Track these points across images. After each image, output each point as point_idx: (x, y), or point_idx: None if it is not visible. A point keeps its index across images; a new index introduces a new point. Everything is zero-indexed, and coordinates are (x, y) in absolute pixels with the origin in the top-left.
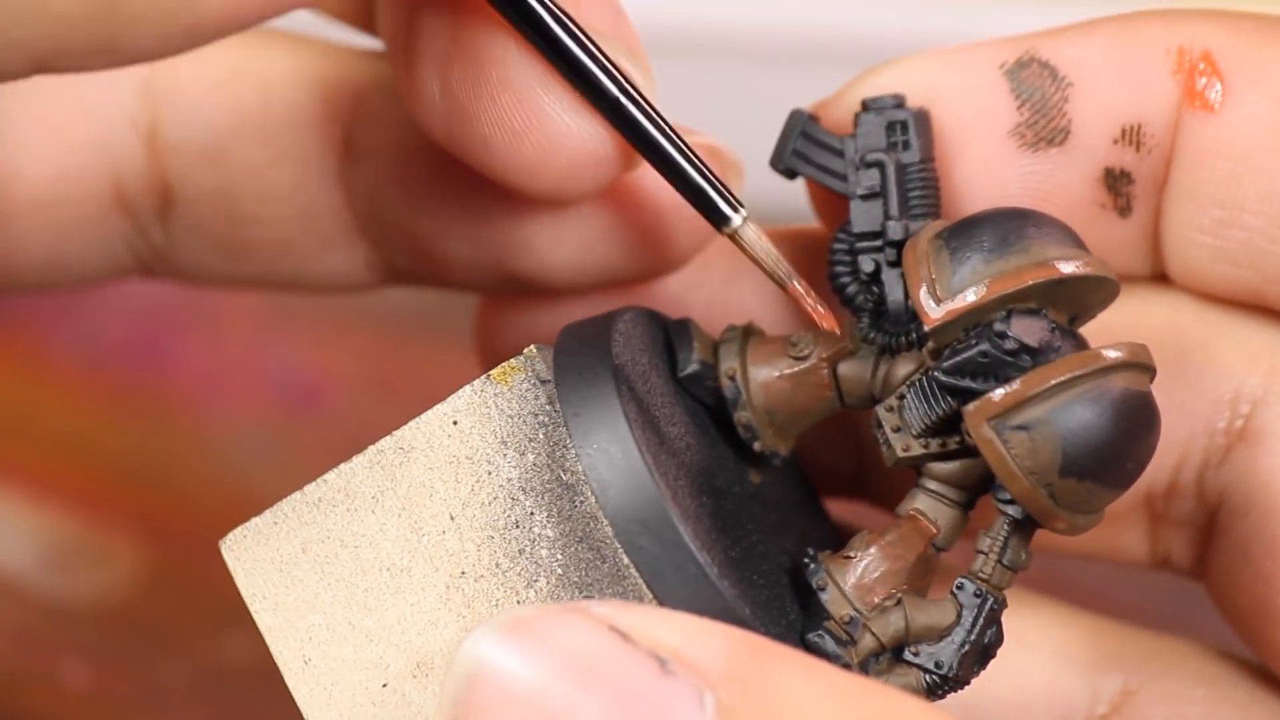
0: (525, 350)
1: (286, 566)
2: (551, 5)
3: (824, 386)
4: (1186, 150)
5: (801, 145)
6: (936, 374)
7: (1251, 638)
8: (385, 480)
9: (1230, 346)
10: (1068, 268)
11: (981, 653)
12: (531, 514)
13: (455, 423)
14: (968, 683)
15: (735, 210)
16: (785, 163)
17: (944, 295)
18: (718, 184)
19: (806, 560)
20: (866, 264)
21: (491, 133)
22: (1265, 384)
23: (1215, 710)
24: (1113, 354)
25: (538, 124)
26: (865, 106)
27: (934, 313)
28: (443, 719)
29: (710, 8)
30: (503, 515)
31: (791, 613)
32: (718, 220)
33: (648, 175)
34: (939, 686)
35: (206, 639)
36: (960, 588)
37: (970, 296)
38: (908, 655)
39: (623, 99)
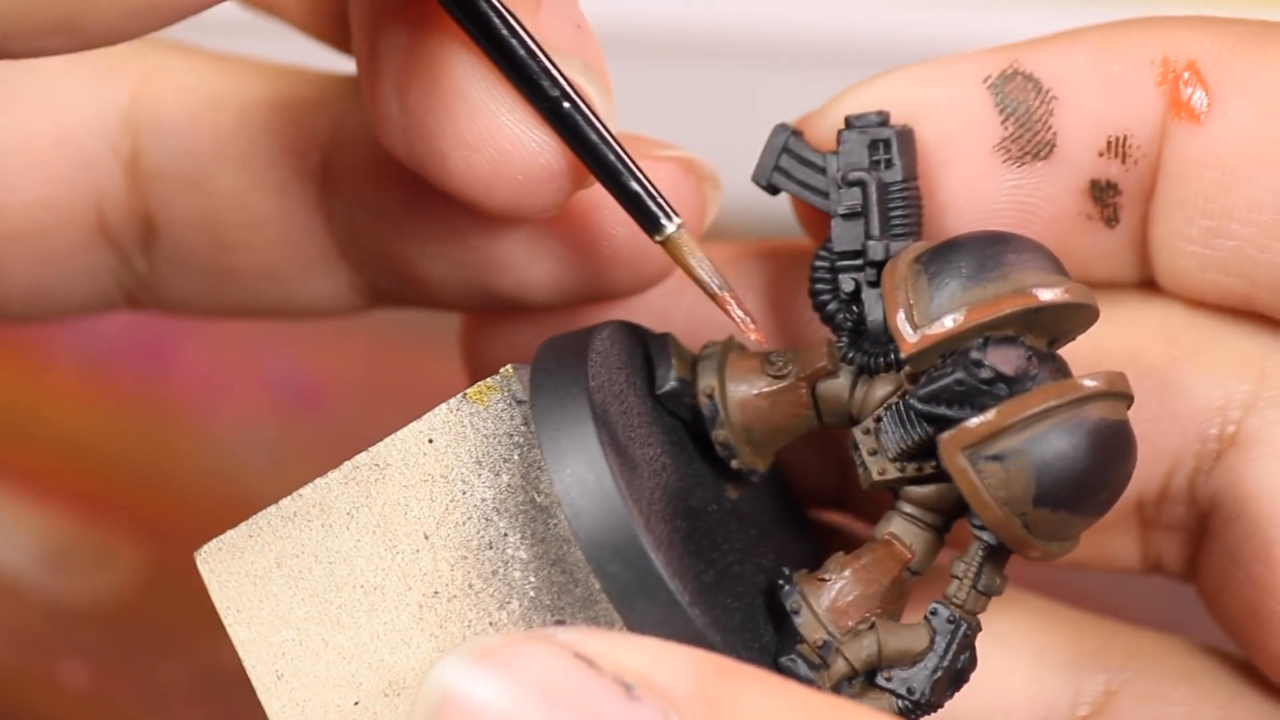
0: (501, 370)
1: (260, 580)
2: (504, 13)
3: (802, 405)
4: (1173, 161)
5: (785, 161)
6: (913, 400)
7: (1243, 641)
8: (360, 496)
9: (1220, 353)
10: (1046, 295)
11: (954, 678)
12: (505, 535)
13: (430, 440)
14: (940, 707)
15: (669, 218)
16: (768, 179)
17: (921, 321)
18: (652, 192)
19: (781, 582)
20: (846, 283)
21: (448, 147)
22: (1256, 390)
23: (1197, 710)
24: (1089, 383)
25: (490, 138)
26: (848, 123)
27: (911, 339)
28: None
29: (706, 9)
30: (476, 536)
31: (765, 635)
32: (650, 227)
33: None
34: (911, 712)
35: (206, 639)
36: (934, 613)
37: (947, 324)
38: (880, 680)
39: (564, 104)
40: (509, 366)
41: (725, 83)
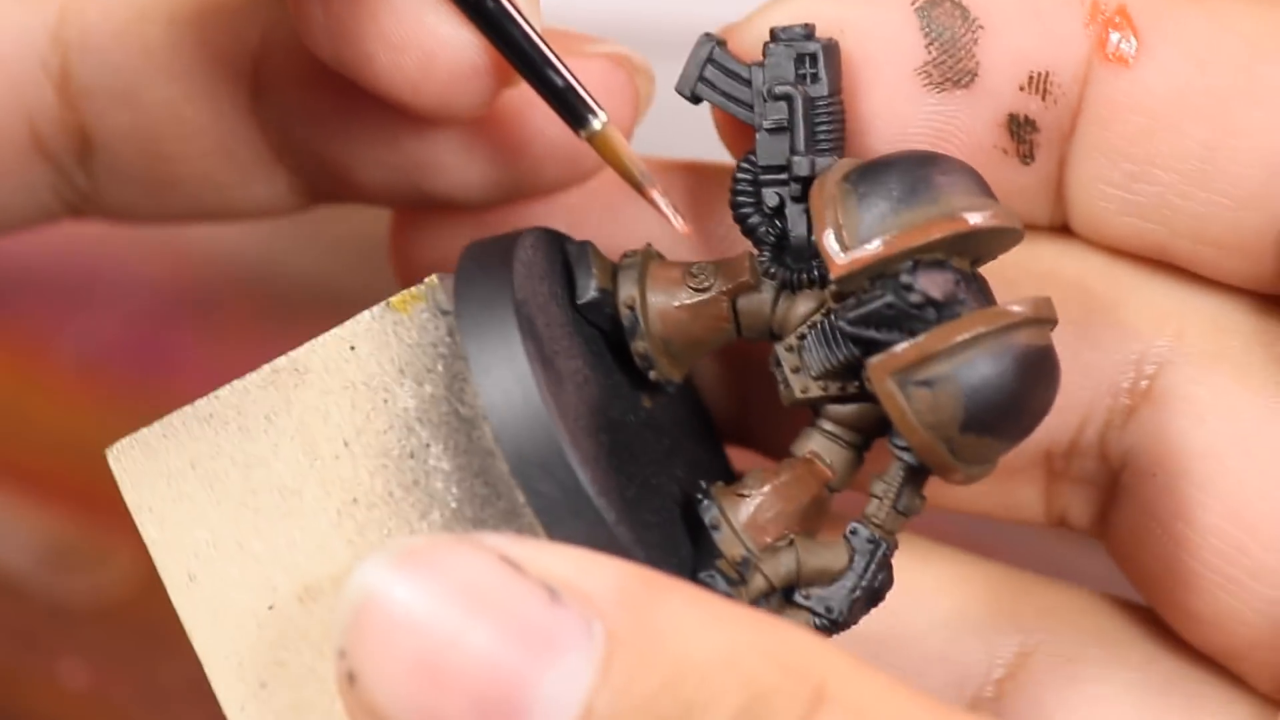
0: (426, 280)
1: (174, 480)
2: None
3: (722, 319)
4: (1097, 104)
5: (709, 72)
6: (840, 322)
7: (1157, 599)
8: (279, 401)
9: (1138, 307)
10: (975, 219)
11: (871, 596)
12: (427, 446)
13: (353, 348)
14: (854, 624)
15: (594, 115)
16: (691, 88)
17: (851, 243)
18: (578, 89)
19: (700, 496)
20: (770, 198)
21: (373, 49)
22: (1173, 346)
23: (1111, 670)
24: (1017, 309)
25: (416, 38)
26: (774, 36)
27: (840, 260)
28: (333, 646)
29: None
30: (398, 444)
31: (683, 548)
32: (577, 123)
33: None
34: (828, 630)
35: None
36: (854, 532)
37: (878, 246)
38: (798, 598)
39: (488, 2)
40: (434, 276)
41: None
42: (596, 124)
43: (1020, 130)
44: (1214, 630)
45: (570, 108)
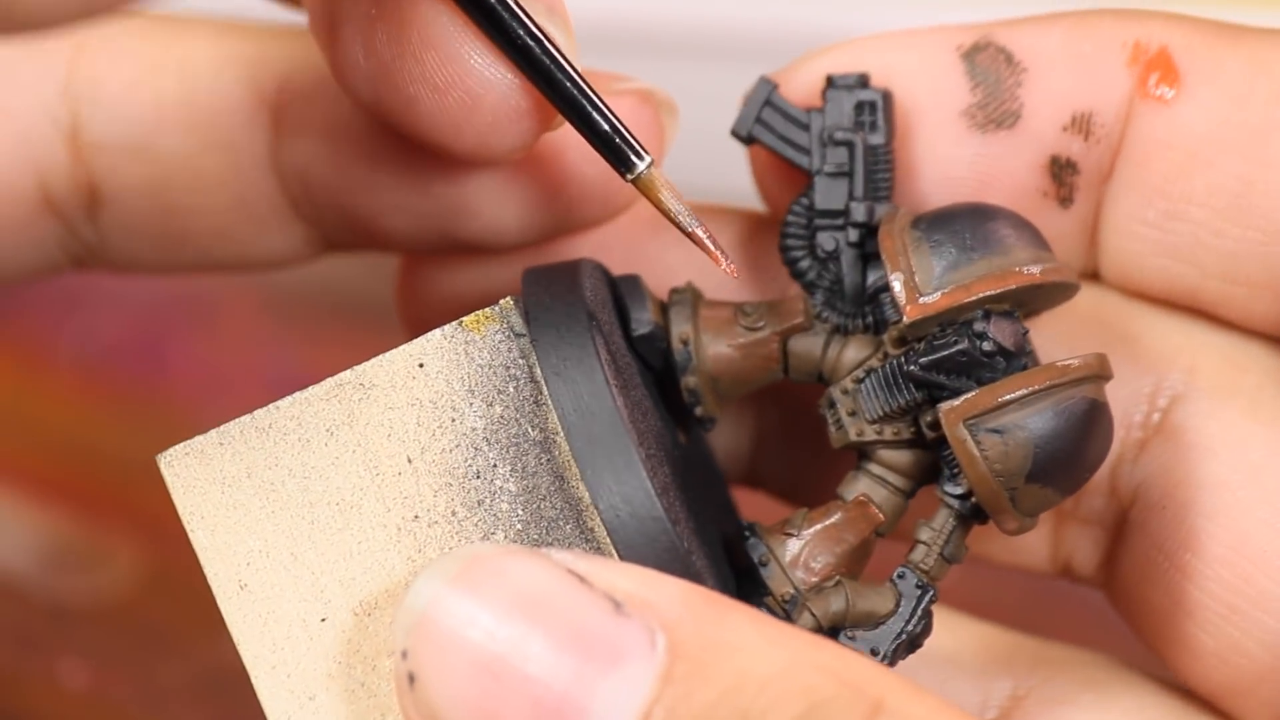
0: (500, 301)
1: (229, 489)
2: None
3: (772, 359)
4: (1137, 140)
5: (766, 115)
6: (910, 366)
7: (1159, 636)
8: (342, 414)
9: (1151, 342)
10: (1043, 272)
11: (912, 642)
12: (494, 466)
13: (421, 365)
14: (893, 668)
15: (640, 158)
16: (749, 130)
17: (924, 289)
18: (623, 132)
19: (746, 534)
20: (827, 242)
21: (416, 91)
22: (1186, 380)
23: (1104, 715)
24: (1083, 364)
25: (460, 79)
26: (831, 82)
27: (913, 305)
28: (395, 650)
29: (685, 7)
30: (463, 464)
31: (730, 584)
32: (623, 166)
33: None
34: None
35: (206, 639)
36: (902, 577)
37: (951, 294)
38: (843, 638)
39: (534, 48)
40: (508, 299)
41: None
42: (642, 166)
43: (1061, 173)
44: (1216, 664)
45: (616, 151)
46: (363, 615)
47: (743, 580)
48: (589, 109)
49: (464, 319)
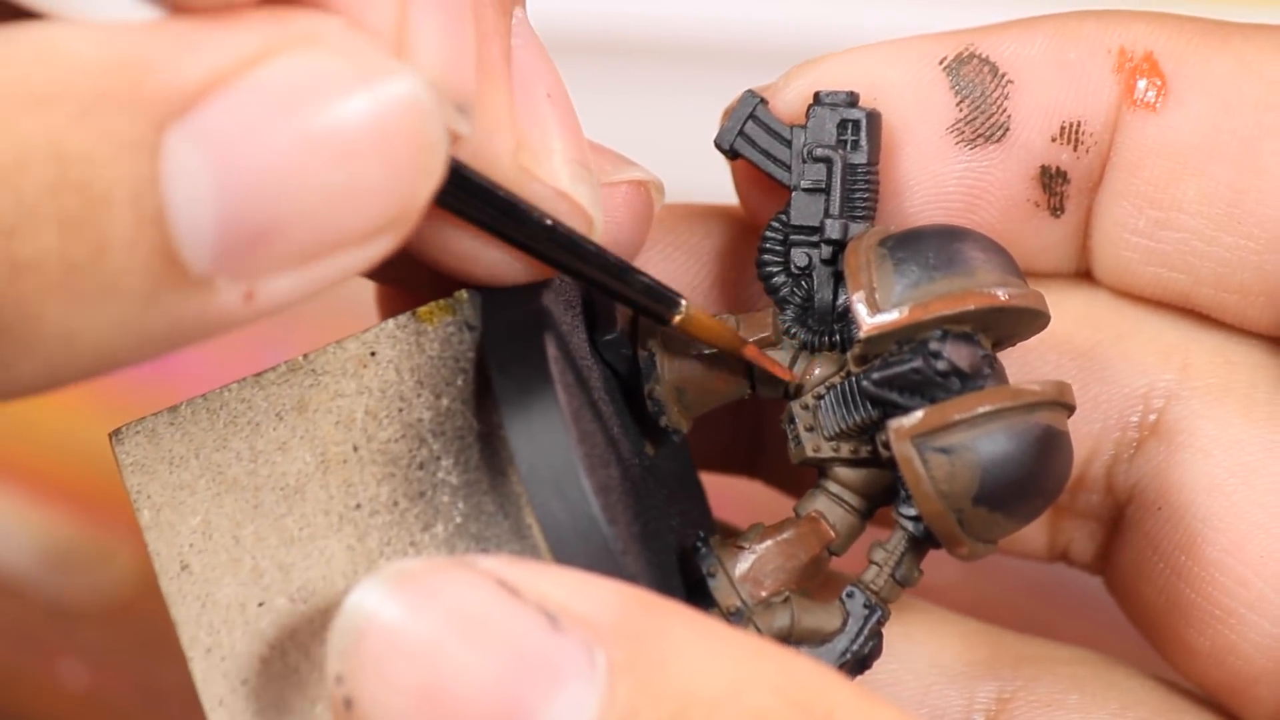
0: (456, 293)
1: (176, 468)
2: (507, 202)
3: (739, 372)
4: (1126, 148)
5: (750, 128)
6: (864, 382)
7: (1156, 633)
8: (292, 400)
9: (1144, 341)
10: (1006, 296)
11: (860, 663)
12: (438, 459)
13: (373, 354)
14: None
15: (676, 302)
16: (732, 143)
17: (883, 306)
18: (655, 287)
19: (698, 545)
20: (800, 258)
21: (437, 260)
22: (1179, 380)
23: (1092, 715)
24: (1040, 389)
25: (489, 274)
26: (818, 99)
27: (870, 321)
28: (329, 671)
29: (667, 7)
30: (408, 455)
31: (678, 595)
32: (666, 314)
33: None
34: None
35: None
36: (850, 595)
37: (909, 311)
38: None
39: (564, 261)
40: (464, 290)
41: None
42: (683, 307)
43: (1052, 182)
44: (1212, 664)
45: (655, 305)
46: (299, 602)
47: (693, 592)
48: (621, 285)
49: (418, 309)
